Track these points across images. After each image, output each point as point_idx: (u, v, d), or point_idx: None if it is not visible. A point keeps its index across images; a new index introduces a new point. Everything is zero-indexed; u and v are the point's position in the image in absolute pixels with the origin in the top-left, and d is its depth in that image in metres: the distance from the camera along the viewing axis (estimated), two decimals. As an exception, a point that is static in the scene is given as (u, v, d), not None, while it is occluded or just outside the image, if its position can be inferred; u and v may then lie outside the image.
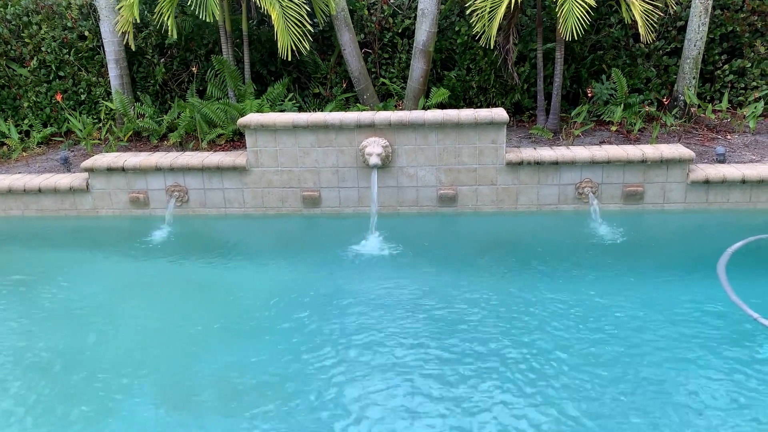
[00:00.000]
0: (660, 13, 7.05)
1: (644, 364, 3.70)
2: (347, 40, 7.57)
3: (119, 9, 7.18)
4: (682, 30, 7.53)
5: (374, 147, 5.82)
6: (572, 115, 7.37)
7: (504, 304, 4.42)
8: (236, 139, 7.29)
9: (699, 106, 7.36)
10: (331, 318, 4.34)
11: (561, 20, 6.27)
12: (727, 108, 7.53)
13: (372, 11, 7.99)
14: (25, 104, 8.31)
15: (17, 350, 4.13)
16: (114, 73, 7.94)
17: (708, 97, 7.84)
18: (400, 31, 7.99)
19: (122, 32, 7.35)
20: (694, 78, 7.30)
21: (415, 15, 7.55)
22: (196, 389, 3.67)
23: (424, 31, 7.29)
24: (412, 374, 3.69)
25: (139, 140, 7.71)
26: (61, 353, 4.08)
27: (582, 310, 4.28)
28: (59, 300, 4.80)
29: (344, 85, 8.06)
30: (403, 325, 4.20)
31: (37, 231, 6.25)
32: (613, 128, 7.09)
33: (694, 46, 7.16)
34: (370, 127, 5.90)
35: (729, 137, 6.98)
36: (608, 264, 5.01)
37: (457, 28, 7.77)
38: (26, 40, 8.18)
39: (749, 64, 7.62)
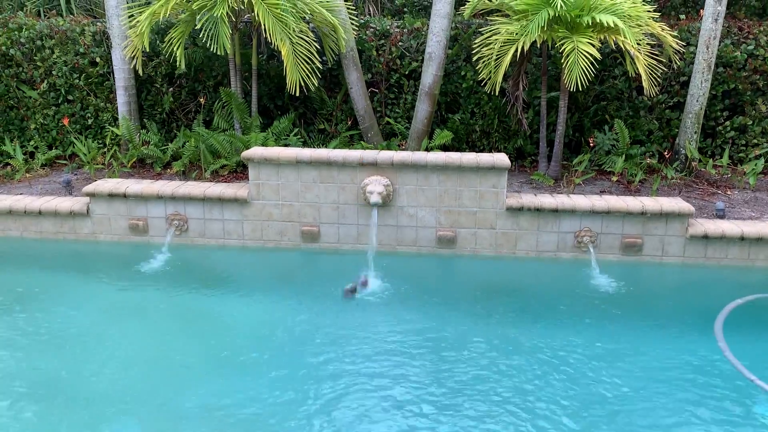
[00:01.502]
0: (663, 68, 7.17)
1: (634, 416, 3.65)
2: (354, 79, 7.67)
3: (130, 33, 7.27)
4: (685, 85, 7.64)
5: (375, 185, 5.85)
6: (574, 163, 7.43)
7: (494, 351, 4.38)
8: (239, 171, 7.33)
9: (700, 161, 7.42)
10: (321, 355, 4.30)
11: (566, 71, 6.36)
12: (728, 164, 7.59)
13: (380, 52, 8.11)
14: (32, 126, 8.38)
15: (1, 374, 4.08)
16: (122, 100, 8.03)
17: (709, 152, 7.90)
18: (407, 72, 8.10)
19: (131, 57, 7.44)
20: (695, 132, 7.38)
21: (423, 58, 7.67)
22: (181, 422, 3.62)
23: (430, 74, 7.40)
24: (397, 414, 3.66)
25: (142, 167, 7.75)
26: (46, 379, 4.03)
27: (573, 361, 4.24)
28: (49, 324, 4.75)
29: (349, 123, 8.14)
30: (393, 366, 4.17)
31: (34, 253, 6.23)
32: (614, 178, 7.13)
33: (697, 101, 7.26)
34: (373, 166, 5.94)
35: (729, 193, 7.02)
36: (604, 316, 4.97)
37: (463, 73, 7.88)
38: (38, 63, 8.30)
39: (750, 122, 7.71)
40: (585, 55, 6.26)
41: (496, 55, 6.74)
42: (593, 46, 6.31)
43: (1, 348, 4.43)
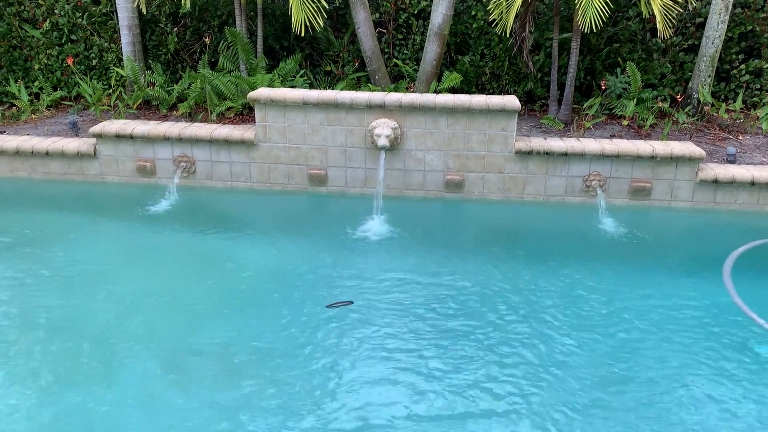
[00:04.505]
0: (679, 9, 6.97)
1: (640, 357, 3.70)
2: (362, 19, 7.50)
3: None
4: (701, 27, 7.45)
5: (383, 128, 5.80)
6: (584, 107, 7.32)
7: (498, 292, 4.43)
8: (245, 113, 7.27)
9: (712, 105, 7.30)
10: (329, 295, 4.36)
11: (580, 11, 6.19)
12: (741, 108, 7.46)
13: (388, -9, 7.91)
14: (36, 66, 8.28)
15: (14, 313, 4.16)
16: (126, 40, 7.90)
17: (722, 96, 7.77)
18: (415, 12, 7.92)
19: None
20: (709, 76, 7.23)
21: (432, -3, 7.47)
22: (193, 360, 3.70)
23: (440, 13, 7.22)
24: (401, 352, 3.73)
25: (148, 109, 7.69)
26: (57, 317, 4.12)
27: (578, 303, 4.29)
28: (60, 264, 4.82)
29: (356, 65, 8.01)
30: (399, 307, 4.23)
31: (43, 194, 6.26)
32: (625, 123, 7.04)
33: (712, 43, 7.09)
34: (381, 108, 5.87)
35: (740, 138, 6.93)
36: (611, 259, 5.00)
37: (473, 13, 7.69)
38: (40, 1, 8.13)
39: (766, 65, 7.54)
40: (599, -5, 6.09)
41: (508, -5, 6.57)
42: (608, -16, 6.12)
43: (13, 287, 4.50)
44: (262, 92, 6.03)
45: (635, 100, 7.16)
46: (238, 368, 3.62)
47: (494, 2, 6.80)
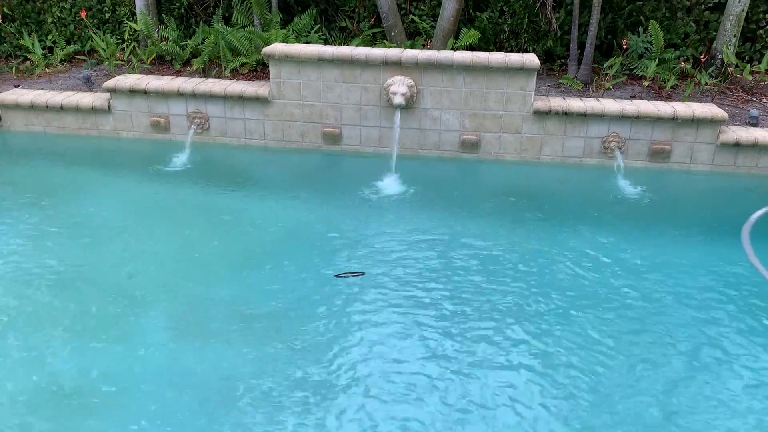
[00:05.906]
0: (707, -36, 6.76)
1: (658, 322, 3.69)
2: (379, -26, 7.34)
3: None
4: (728, -16, 7.22)
5: (399, 86, 5.71)
6: (604, 66, 7.16)
7: (512, 254, 4.41)
8: (259, 70, 7.18)
9: (736, 66, 7.12)
10: (342, 253, 4.37)
11: (603, -35, 6.00)
12: (766, 70, 7.27)
13: (406, -56, 7.71)
14: (49, 20, 8.20)
15: (30, 266, 4.19)
16: (139, -7, 7.79)
17: (747, 57, 7.57)
18: (433, -33, 7.73)
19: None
20: (734, 36, 7.03)
21: (451, -49, 7.27)
22: (207, 316, 3.72)
23: (458, -32, 7.04)
24: (411, 313, 3.75)
25: (162, 64, 7.62)
26: (73, 271, 4.15)
27: (594, 266, 4.25)
28: (75, 219, 4.85)
29: (372, 20, 7.86)
30: (411, 266, 4.23)
31: (57, 148, 6.26)
32: (646, 83, 6.89)
33: (739, 2, 6.87)
34: (397, 65, 5.77)
35: (764, 100, 6.78)
36: (628, 222, 4.94)
37: (493, -32, 7.49)
38: (52, -48, 8.01)
39: (794, 25, 7.32)
40: (624, -51, 5.90)
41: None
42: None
43: (28, 241, 4.54)
44: (277, 48, 5.95)
45: (657, 60, 7.00)
46: (249, 324, 3.64)
47: (515, -43, 6.61)
